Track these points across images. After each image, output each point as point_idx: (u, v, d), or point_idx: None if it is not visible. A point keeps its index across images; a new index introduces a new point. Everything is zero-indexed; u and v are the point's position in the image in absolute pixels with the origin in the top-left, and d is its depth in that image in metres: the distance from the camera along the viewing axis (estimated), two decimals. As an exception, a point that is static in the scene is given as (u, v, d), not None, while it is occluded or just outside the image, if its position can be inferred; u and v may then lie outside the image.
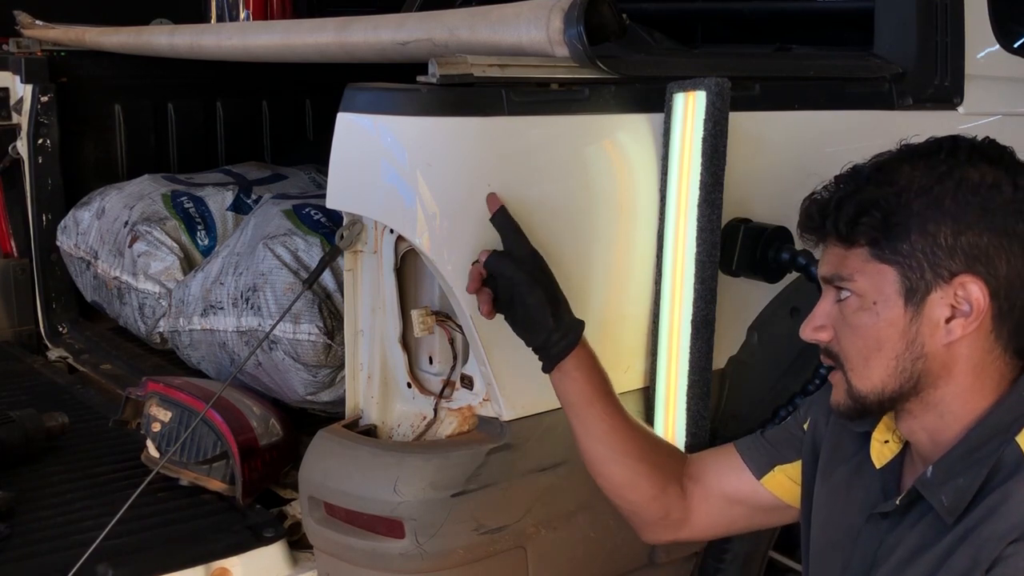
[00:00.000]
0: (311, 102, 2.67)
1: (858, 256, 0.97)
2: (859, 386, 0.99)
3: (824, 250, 1.01)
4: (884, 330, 0.96)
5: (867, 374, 0.98)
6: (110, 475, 1.58)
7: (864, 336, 0.97)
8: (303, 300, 1.51)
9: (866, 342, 0.97)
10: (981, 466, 0.92)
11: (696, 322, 1.29)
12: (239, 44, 1.80)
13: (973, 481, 0.92)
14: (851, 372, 0.99)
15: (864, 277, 0.96)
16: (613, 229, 1.29)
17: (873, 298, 0.96)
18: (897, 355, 0.96)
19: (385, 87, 1.19)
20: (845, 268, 0.98)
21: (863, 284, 0.97)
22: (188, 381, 1.60)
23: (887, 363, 0.97)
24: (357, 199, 1.24)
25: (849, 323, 0.98)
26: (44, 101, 2.17)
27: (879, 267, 0.96)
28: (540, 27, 1.21)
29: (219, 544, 1.36)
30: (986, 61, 1.70)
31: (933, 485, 0.95)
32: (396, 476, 1.20)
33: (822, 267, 1.01)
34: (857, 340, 0.98)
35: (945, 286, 0.94)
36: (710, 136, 1.25)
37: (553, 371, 1.15)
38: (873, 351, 0.97)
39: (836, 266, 0.99)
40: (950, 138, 0.98)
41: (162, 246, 1.93)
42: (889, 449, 1.05)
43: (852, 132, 1.52)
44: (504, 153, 1.20)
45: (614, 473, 1.17)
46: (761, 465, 1.18)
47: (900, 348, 0.96)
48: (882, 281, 0.96)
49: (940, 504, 0.93)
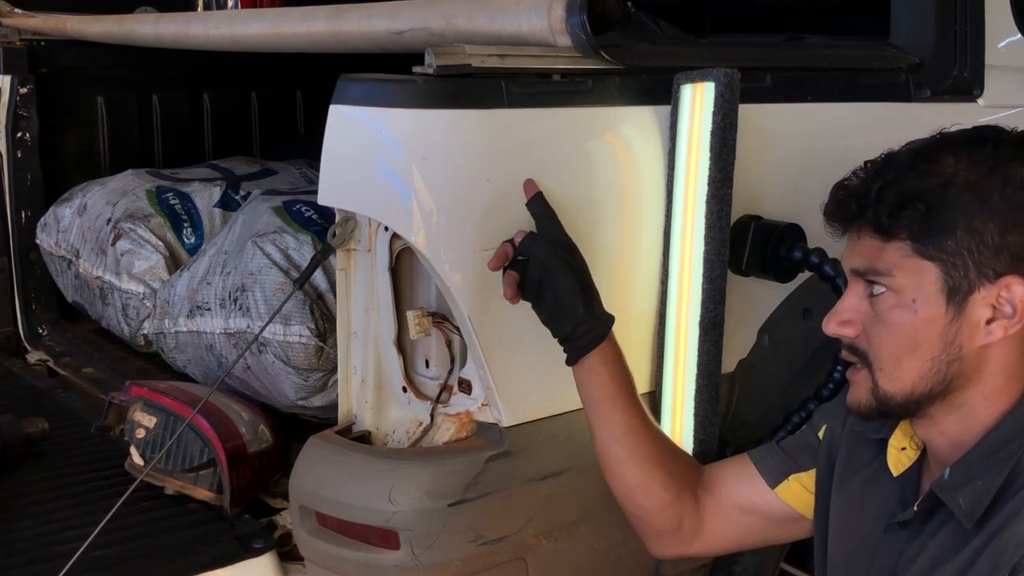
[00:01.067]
0: (302, 94, 2.66)
1: (897, 250, 0.93)
2: (887, 387, 0.96)
3: (853, 240, 0.97)
4: (922, 329, 0.93)
5: (898, 375, 0.95)
6: (92, 483, 1.56)
7: (899, 335, 0.94)
8: (294, 301, 1.49)
9: (900, 341, 0.94)
10: (1001, 468, 0.91)
11: (704, 323, 1.27)
12: (227, 33, 1.79)
13: (992, 483, 0.90)
14: (879, 372, 0.96)
15: (903, 273, 0.93)
16: (618, 226, 1.27)
17: (912, 295, 0.93)
18: (933, 356, 0.93)
19: (380, 78, 1.18)
20: (882, 262, 0.94)
21: (902, 280, 0.93)
22: (173, 385, 1.58)
23: (921, 364, 0.94)
24: (350, 195, 1.22)
25: (883, 320, 0.95)
26: (23, 93, 2.14)
27: (920, 263, 0.92)
28: (541, 15, 1.19)
29: (206, 556, 1.34)
30: (1007, 51, 1.69)
31: (951, 488, 0.93)
32: (391, 484, 1.19)
33: (852, 259, 0.97)
34: (891, 338, 0.94)
35: (989, 286, 0.91)
36: (719, 129, 1.23)
37: (577, 364, 1.13)
38: (907, 351, 0.94)
39: (871, 259, 0.95)
40: (993, 129, 0.95)
41: (146, 244, 1.91)
42: (907, 456, 1.03)
43: (867, 125, 1.50)
44: (504, 147, 1.19)
45: (629, 475, 1.15)
46: (775, 474, 1.15)
47: (937, 349, 0.93)
48: (922, 278, 0.92)
49: (958, 507, 0.92)
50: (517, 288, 1.12)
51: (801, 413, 1.35)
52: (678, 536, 1.16)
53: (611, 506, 1.32)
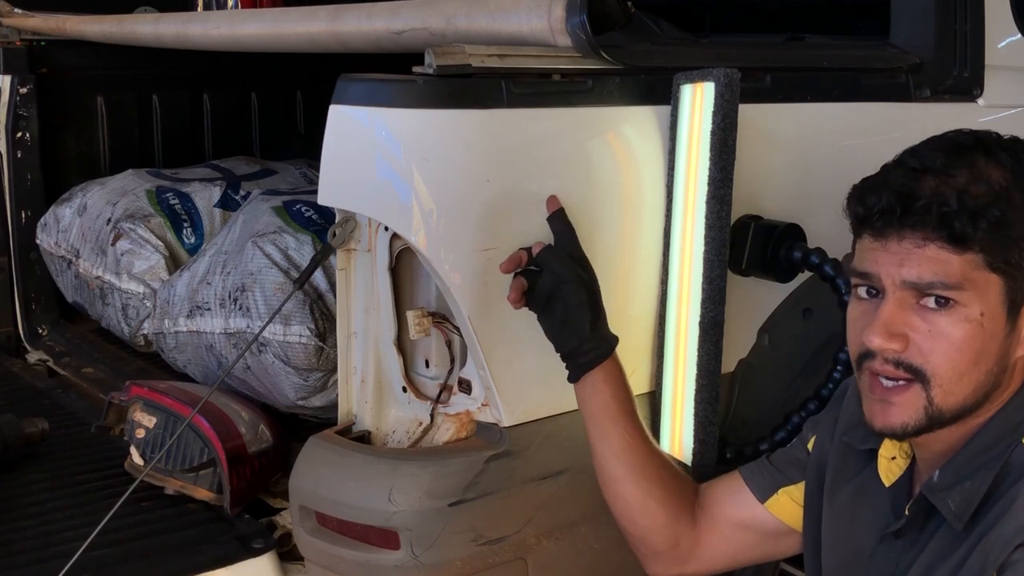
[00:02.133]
0: (302, 94, 2.66)
1: (969, 263, 0.89)
2: (943, 403, 0.91)
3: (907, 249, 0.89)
4: (987, 344, 0.90)
5: (957, 390, 0.91)
6: (92, 483, 1.56)
7: (966, 351, 0.90)
8: (294, 301, 1.49)
9: (966, 356, 0.90)
10: (989, 469, 0.90)
11: (704, 323, 1.27)
12: (227, 33, 1.79)
13: (981, 484, 0.90)
14: (938, 388, 0.91)
15: (974, 287, 0.89)
16: (617, 227, 1.27)
17: (980, 309, 0.89)
18: (988, 369, 0.91)
19: (379, 78, 1.17)
20: (952, 276, 0.89)
21: (973, 294, 0.89)
22: (173, 385, 1.57)
23: (979, 378, 0.91)
24: (350, 195, 1.22)
25: (945, 335, 0.90)
26: (23, 93, 2.14)
27: (988, 276, 0.89)
28: (541, 15, 1.19)
29: (206, 556, 1.34)
30: (1007, 51, 1.69)
31: (940, 490, 0.92)
32: (391, 484, 1.18)
33: (909, 270, 0.89)
34: (955, 355, 0.90)
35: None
36: (719, 129, 1.23)
37: (579, 381, 1.13)
38: (971, 366, 0.90)
39: (939, 272, 0.89)
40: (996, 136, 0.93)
41: (146, 244, 1.90)
42: (897, 466, 1.02)
43: (867, 125, 1.50)
44: (503, 147, 1.18)
45: (629, 494, 1.15)
46: (764, 488, 1.15)
47: (993, 362, 0.91)
48: (989, 291, 0.89)
49: (947, 509, 0.91)
50: (522, 295, 1.12)
51: (801, 413, 1.35)
52: (675, 555, 1.15)
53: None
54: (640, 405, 1.32)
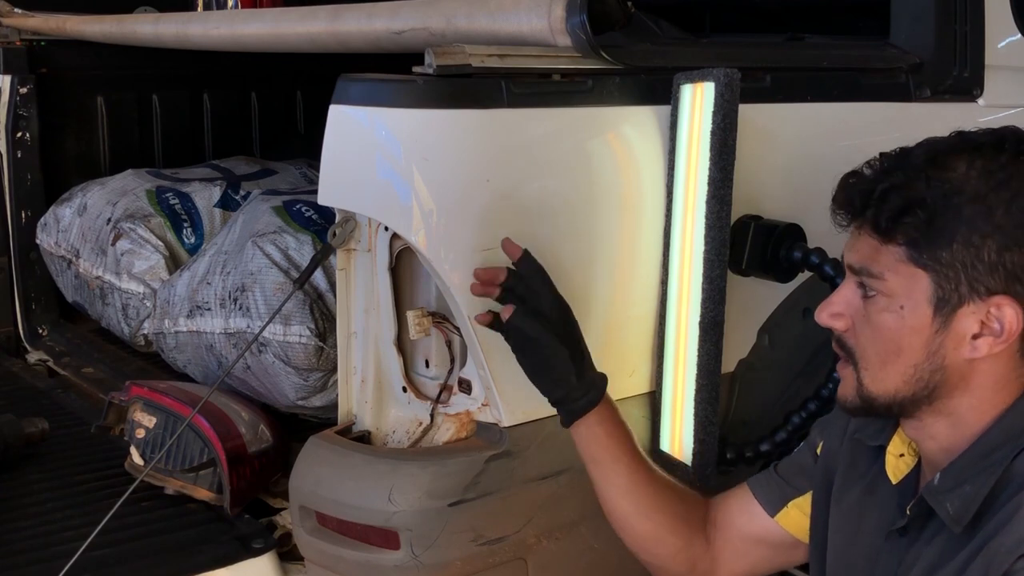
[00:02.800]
0: (302, 94, 2.65)
1: (893, 254, 0.92)
2: (870, 387, 0.95)
3: (855, 236, 0.96)
4: (907, 336, 0.92)
5: (881, 377, 0.94)
6: (92, 483, 1.55)
7: (885, 338, 0.93)
8: (294, 301, 1.48)
9: (886, 345, 0.93)
10: (989, 474, 0.90)
11: (704, 323, 1.26)
12: (227, 33, 1.79)
13: (980, 489, 0.90)
14: (864, 371, 0.96)
15: (896, 277, 0.92)
16: (617, 227, 1.27)
17: (901, 301, 0.92)
18: (916, 363, 0.93)
19: (379, 78, 1.17)
20: (876, 264, 0.93)
21: (893, 284, 0.92)
22: (173, 385, 1.57)
23: (904, 370, 0.93)
24: (350, 195, 1.22)
25: (871, 321, 0.94)
26: (23, 93, 2.14)
27: (913, 270, 0.91)
28: (541, 15, 1.19)
29: (206, 556, 1.34)
30: (1007, 51, 1.68)
31: (939, 492, 0.92)
32: (391, 484, 1.18)
33: (850, 254, 0.96)
34: (877, 341, 0.94)
35: (979, 302, 0.90)
36: (719, 129, 1.23)
37: (573, 426, 1.12)
38: (892, 355, 0.93)
39: (867, 259, 0.94)
40: (1015, 134, 0.93)
41: (146, 244, 1.90)
42: (905, 463, 1.02)
43: (867, 125, 1.50)
44: (504, 147, 1.18)
45: (641, 528, 1.14)
46: (774, 502, 1.14)
47: (920, 357, 0.92)
48: (913, 285, 0.91)
49: (945, 512, 0.91)
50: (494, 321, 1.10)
51: (801, 413, 1.35)
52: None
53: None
54: (640, 406, 1.32)
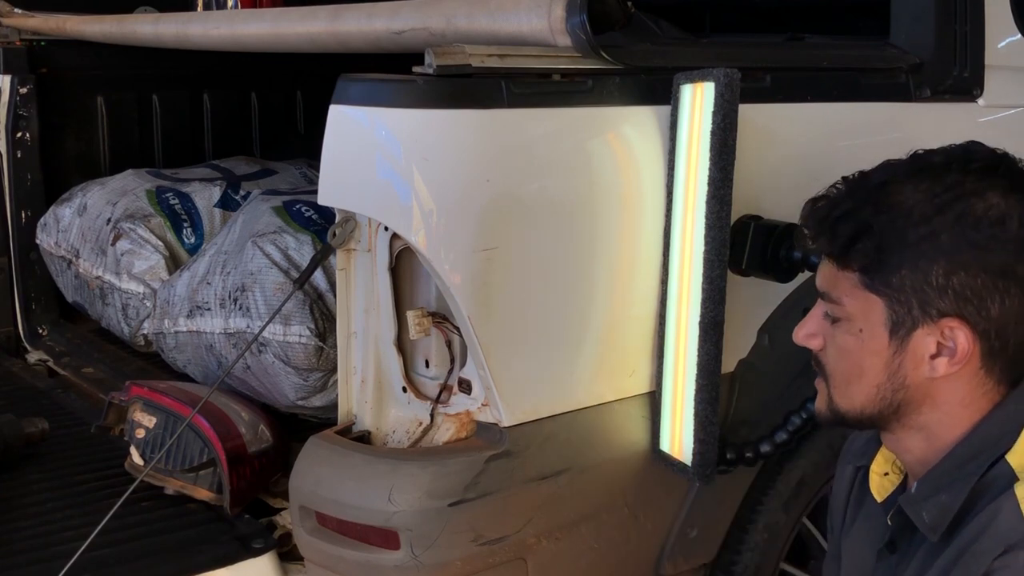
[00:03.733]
0: (302, 94, 2.65)
1: (849, 280, 0.95)
2: (839, 403, 0.99)
3: (822, 260, 1.00)
4: (867, 358, 0.95)
5: (848, 394, 0.98)
6: (92, 483, 1.55)
7: (848, 360, 0.97)
8: (294, 301, 1.48)
9: (849, 366, 0.97)
10: (965, 483, 0.91)
11: (704, 323, 1.26)
12: (227, 33, 1.79)
13: (956, 497, 0.91)
14: (833, 389, 1.00)
15: (853, 302, 0.95)
16: (618, 226, 1.27)
17: (859, 325, 0.95)
18: (878, 384, 0.96)
19: (379, 78, 1.17)
20: (835, 289, 0.97)
21: (851, 309, 0.96)
22: (173, 385, 1.57)
23: (868, 389, 0.96)
24: (350, 195, 1.22)
25: (836, 343, 0.98)
26: (23, 93, 2.14)
27: (868, 295, 0.94)
28: (541, 15, 1.19)
29: (206, 556, 1.34)
30: (1007, 51, 1.68)
31: (915, 501, 0.94)
32: (391, 484, 1.18)
33: (818, 278, 1.00)
34: (841, 361, 0.98)
35: (932, 325, 0.92)
36: (719, 129, 1.22)
37: None
38: (855, 375, 0.97)
39: (827, 284, 0.98)
40: (963, 153, 0.93)
41: (146, 244, 1.90)
42: (890, 481, 1.04)
43: (867, 125, 1.50)
44: (504, 147, 1.18)
45: None
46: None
47: (882, 378, 0.95)
48: (869, 310, 0.94)
49: (921, 521, 0.93)
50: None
51: (801, 413, 1.35)
52: None
53: (611, 506, 1.32)
54: (640, 406, 1.32)
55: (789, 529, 1.49)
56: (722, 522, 1.44)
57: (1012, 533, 0.86)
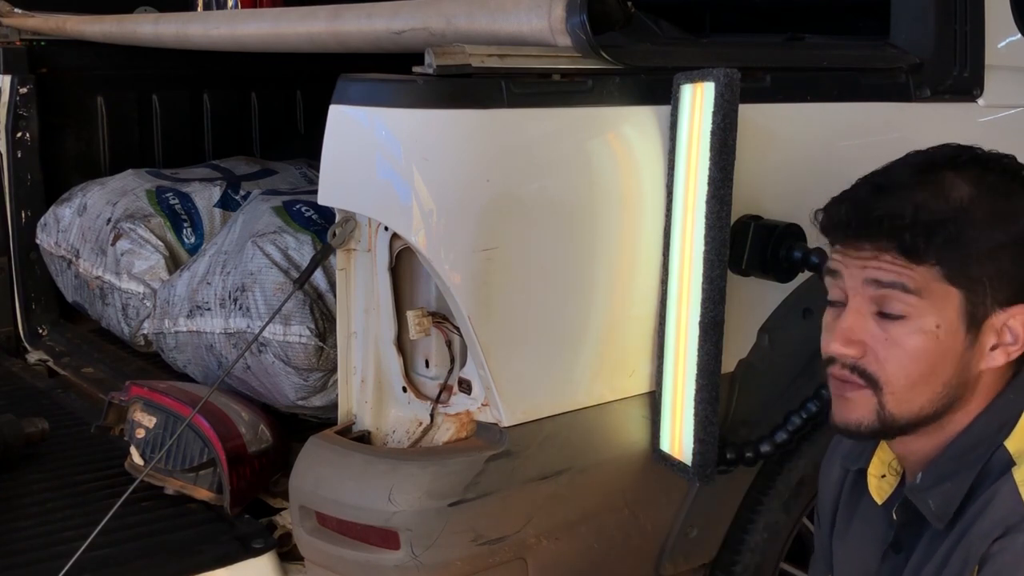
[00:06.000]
0: (302, 94, 2.65)
1: (924, 275, 0.91)
2: (895, 410, 0.93)
3: (865, 257, 0.93)
4: (941, 356, 0.92)
5: (909, 398, 0.93)
6: (92, 483, 1.55)
7: (919, 361, 0.92)
8: (294, 301, 1.48)
9: (918, 367, 0.92)
10: (969, 470, 0.92)
11: (704, 323, 1.26)
12: (227, 33, 1.79)
13: (961, 485, 0.91)
14: (889, 395, 0.93)
15: (930, 298, 0.91)
16: (617, 226, 1.27)
17: (936, 321, 0.91)
18: (946, 382, 0.93)
19: (379, 78, 1.17)
20: (910, 284, 0.91)
21: (927, 305, 0.91)
22: (173, 385, 1.57)
23: (934, 390, 0.93)
24: (350, 195, 1.22)
25: (900, 344, 0.92)
26: (23, 93, 2.14)
27: (947, 288, 0.91)
28: (541, 15, 1.19)
29: (206, 556, 1.34)
30: (1007, 51, 1.68)
31: (921, 490, 0.94)
32: (391, 484, 1.18)
33: (868, 272, 0.92)
34: (908, 364, 0.92)
35: (1000, 313, 0.91)
36: (719, 129, 1.22)
37: None
38: (923, 376, 0.92)
39: (900, 274, 0.91)
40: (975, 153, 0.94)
41: (146, 244, 1.90)
42: (888, 483, 1.03)
43: (867, 125, 1.49)
44: (504, 147, 1.18)
45: None
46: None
47: (950, 374, 0.92)
48: (946, 304, 0.91)
49: (928, 509, 0.93)
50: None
51: (801, 413, 1.34)
52: None
53: (611, 506, 1.32)
54: (640, 406, 1.32)
55: (789, 529, 1.49)
56: (722, 522, 1.43)
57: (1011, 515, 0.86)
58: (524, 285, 1.19)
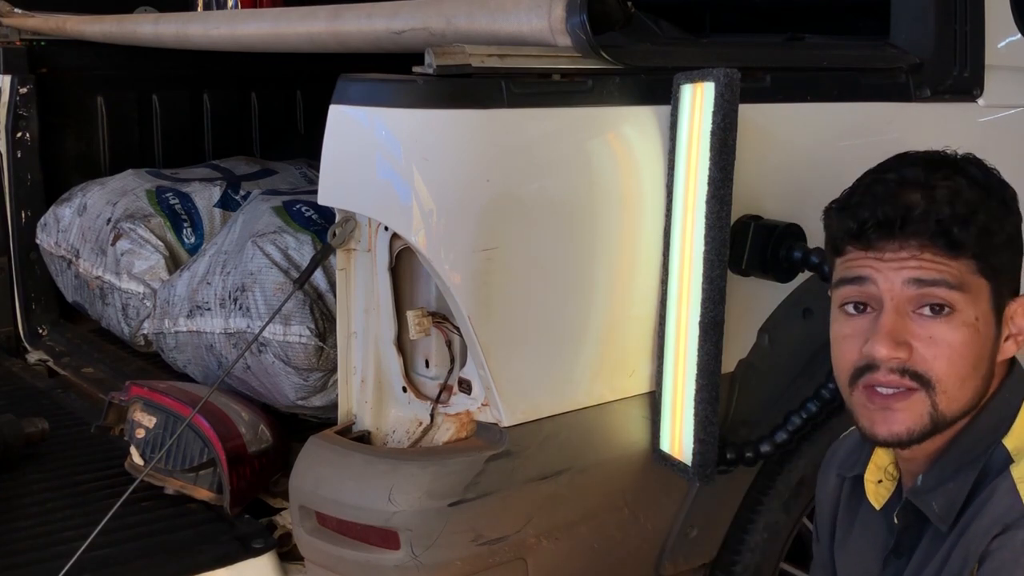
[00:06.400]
0: (302, 93, 2.66)
1: (961, 269, 0.90)
2: (947, 409, 0.91)
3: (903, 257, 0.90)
4: (983, 348, 0.91)
5: (960, 395, 0.91)
6: (92, 483, 1.55)
7: (966, 355, 0.90)
8: (294, 301, 1.48)
9: (967, 361, 0.90)
10: (971, 470, 0.92)
11: (704, 323, 1.26)
12: (227, 33, 1.79)
13: (963, 484, 0.91)
14: (943, 395, 0.90)
15: (969, 292, 0.90)
16: (618, 226, 1.27)
17: (975, 314, 0.90)
18: (983, 374, 0.92)
19: (379, 78, 1.17)
20: (954, 276, 0.90)
21: (968, 299, 0.90)
22: (173, 385, 1.57)
23: (978, 383, 0.92)
24: (350, 195, 1.22)
25: (947, 342, 0.90)
26: (23, 93, 2.14)
27: (979, 281, 0.90)
28: (541, 15, 1.19)
29: (206, 555, 1.34)
30: (1007, 51, 1.68)
31: (923, 493, 0.94)
32: (391, 484, 1.18)
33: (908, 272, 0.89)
34: (957, 360, 0.90)
35: (1012, 304, 0.93)
36: (719, 129, 1.22)
37: None
38: (969, 371, 0.91)
39: (942, 272, 0.90)
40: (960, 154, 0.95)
41: (146, 244, 1.90)
42: (885, 488, 1.03)
43: (867, 125, 1.49)
44: (503, 147, 1.18)
45: None
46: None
47: (987, 367, 0.92)
48: (980, 296, 0.91)
49: (931, 511, 0.93)
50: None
51: (801, 413, 1.34)
52: None
53: (611, 506, 1.32)
54: (640, 406, 1.32)
55: (789, 529, 1.49)
56: (722, 522, 1.44)
57: (1009, 512, 0.86)
58: (524, 285, 1.19)
